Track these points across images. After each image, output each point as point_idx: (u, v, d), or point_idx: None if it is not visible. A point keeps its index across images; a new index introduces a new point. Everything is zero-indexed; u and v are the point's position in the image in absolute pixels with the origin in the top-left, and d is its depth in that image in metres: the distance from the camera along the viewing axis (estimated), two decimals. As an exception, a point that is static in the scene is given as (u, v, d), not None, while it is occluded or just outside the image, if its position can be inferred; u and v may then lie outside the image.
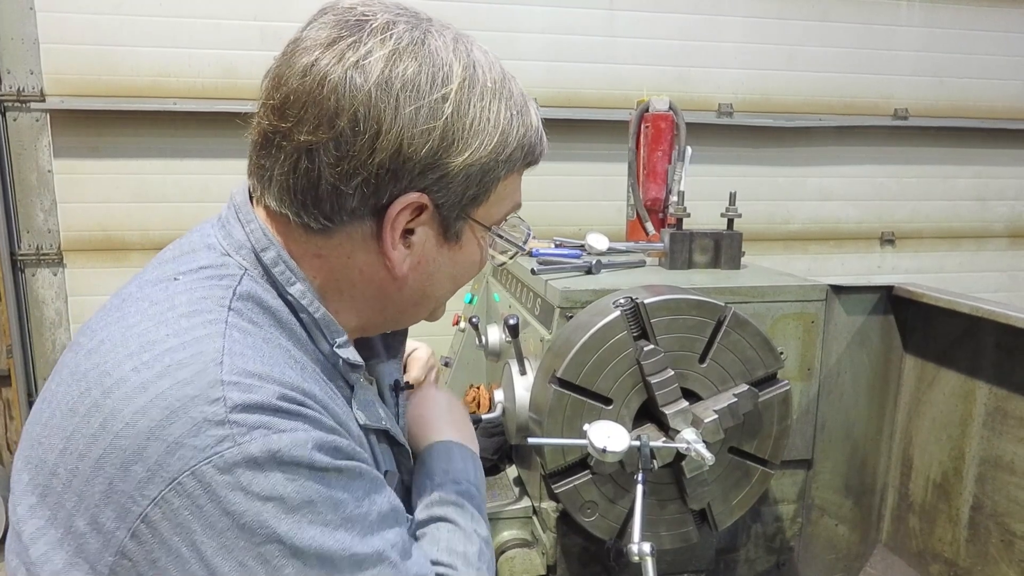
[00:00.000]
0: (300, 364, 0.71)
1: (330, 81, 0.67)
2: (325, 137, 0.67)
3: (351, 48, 0.68)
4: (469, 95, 0.71)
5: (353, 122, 0.67)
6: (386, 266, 0.75)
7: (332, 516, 0.64)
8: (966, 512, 1.58)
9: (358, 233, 0.73)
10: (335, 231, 0.72)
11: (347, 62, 0.67)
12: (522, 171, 0.80)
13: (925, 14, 3.73)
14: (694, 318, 1.26)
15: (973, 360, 1.56)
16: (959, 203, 4.02)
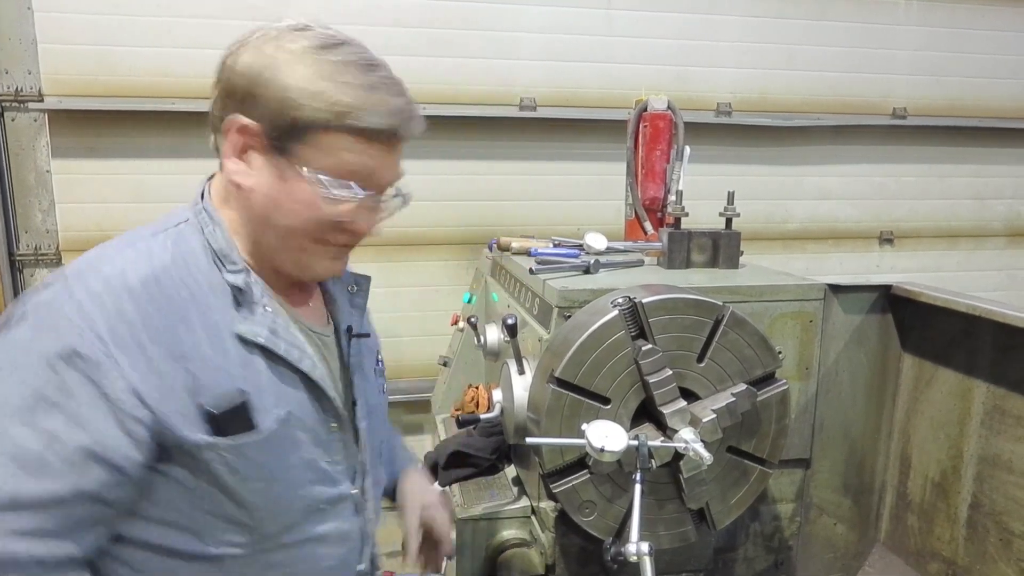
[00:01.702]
0: (172, 280, 0.89)
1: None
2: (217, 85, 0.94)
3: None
4: (295, 57, 0.88)
5: (219, 69, 0.93)
6: (234, 180, 0.92)
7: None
8: (964, 511, 1.58)
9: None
10: (222, 162, 0.93)
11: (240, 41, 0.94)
12: (356, 136, 0.89)
13: (923, 13, 3.72)
14: (692, 317, 1.26)
15: (971, 359, 1.57)
16: (957, 202, 4.01)
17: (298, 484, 0.96)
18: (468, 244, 3.40)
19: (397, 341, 3.46)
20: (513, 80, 3.34)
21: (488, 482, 1.68)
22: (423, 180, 3.36)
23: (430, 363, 3.22)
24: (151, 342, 0.85)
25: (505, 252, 1.95)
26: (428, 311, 3.42)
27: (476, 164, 3.39)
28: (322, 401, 0.98)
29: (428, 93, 3.27)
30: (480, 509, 1.55)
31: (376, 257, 3.39)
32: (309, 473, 0.97)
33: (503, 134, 3.39)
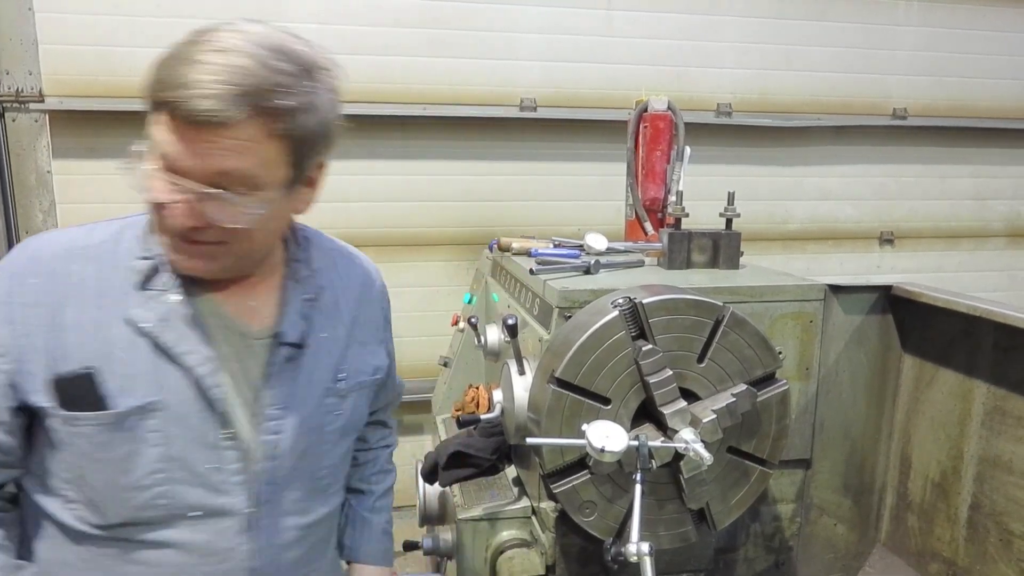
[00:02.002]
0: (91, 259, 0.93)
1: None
2: None
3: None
4: (177, 47, 0.84)
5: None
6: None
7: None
8: (964, 511, 1.58)
9: None
10: None
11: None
12: (163, 112, 0.83)
13: (923, 14, 3.73)
14: (692, 318, 1.26)
15: (971, 359, 1.57)
16: (957, 202, 4.01)
17: (155, 480, 0.92)
18: (468, 244, 3.40)
19: (398, 341, 3.46)
20: (513, 80, 3.35)
21: (488, 482, 1.68)
22: (424, 180, 3.36)
23: (430, 363, 3.22)
24: (32, 305, 0.90)
25: (505, 252, 1.95)
26: (428, 311, 3.43)
27: (476, 164, 3.40)
28: (209, 402, 0.94)
29: (428, 93, 3.28)
30: (480, 509, 1.55)
31: (377, 257, 3.37)
32: (178, 472, 0.93)
33: (503, 134, 3.39)
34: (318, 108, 0.89)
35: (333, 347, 1.06)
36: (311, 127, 0.88)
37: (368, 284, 1.17)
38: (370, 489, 1.30)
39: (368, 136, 3.27)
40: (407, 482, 3.52)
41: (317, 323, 1.04)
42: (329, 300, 1.07)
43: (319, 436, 1.05)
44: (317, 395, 1.03)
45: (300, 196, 0.97)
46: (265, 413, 0.98)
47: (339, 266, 1.13)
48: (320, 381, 1.04)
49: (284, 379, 0.99)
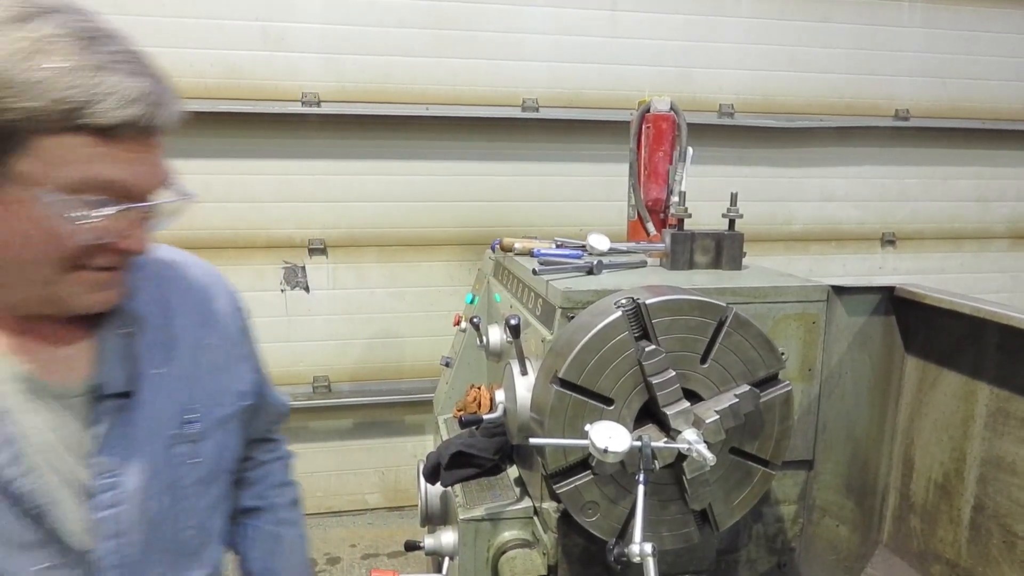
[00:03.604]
0: None
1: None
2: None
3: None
4: (61, 52, 0.67)
5: None
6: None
7: None
8: (967, 513, 1.57)
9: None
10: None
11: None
12: (93, 136, 0.69)
13: (926, 15, 3.73)
14: (695, 319, 1.26)
15: (975, 361, 1.56)
16: (960, 204, 4.01)
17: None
18: (470, 245, 3.41)
19: (399, 341, 3.46)
20: (516, 81, 3.35)
21: (490, 483, 1.68)
22: (426, 180, 3.36)
23: (432, 363, 3.22)
24: None
25: (508, 253, 1.95)
26: (430, 311, 3.43)
27: (479, 165, 3.40)
28: (14, 498, 0.75)
29: (431, 94, 3.28)
30: (482, 510, 1.55)
31: (379, 258, 3.39)
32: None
33: (506, 135, 3.40)
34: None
35: (174, 385, 0.88)
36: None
37: (210, 295, 0.97)
38: (270, 503, 1.13)
39: (371, 136, 3.28)
40: (408, 482, 3.54)
41: (146, 360, 0.85)
42: (157, 327, 0.88)
43: (175, 494, 0.87)
44: (162, 447, 0.86)
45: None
46: (98, 486, 0.80)
47: (165, 281, 0.92)
48: (163, 429, 0.86)
49: (115, 440, 0.81)
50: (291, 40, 3.14)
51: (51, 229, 0.71)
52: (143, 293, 0.88)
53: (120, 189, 0.73)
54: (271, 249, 3.25)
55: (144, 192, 0.75)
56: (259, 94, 3.13)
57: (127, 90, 0.70)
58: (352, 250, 3.35)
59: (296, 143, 3.20)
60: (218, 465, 0.94)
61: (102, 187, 0.71)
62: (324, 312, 3.36)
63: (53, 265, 0.74)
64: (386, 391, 3.44)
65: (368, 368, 3.46)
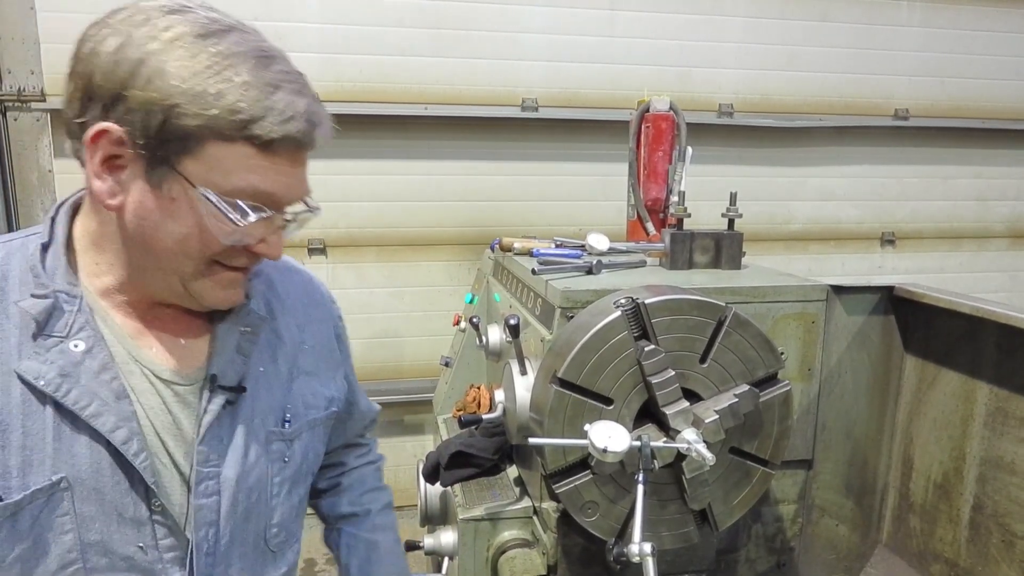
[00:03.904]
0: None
1: (82, 33, 0.78)
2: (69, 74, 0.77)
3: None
4: (170, 46, 0.72)
5: (74, 59, 0.76)
6: (100, 200, 0.77)
7: None
8: (967, 512, 1.58)
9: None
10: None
11: (101, 21, 0.77)
12: (255, 147, 0.74)
13: (925, 14, 3.73)
14: (695, 318, 1.26)
15: (974, 361, 1.56)
16: (959, 203, 4.01)
17: (71, 572, 0.78)
18: (470, 244, 3.41)
19: (399, 341, 3.46)
20: (515, 81, 3.35)
21: (490, 482, 1.68)
22: (425, 180, 3.36)
23: (431, 363, 3.22)
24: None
25: (507, 252, 1.95)
26: (430, 311, 3.43)
27: (478, 165, 3.40)
28: (130, 471, 0.79)
29: (430, 93, 3.28)
30: (482, 509, 1.55)
31: (378, 257, 3.39)
32: (98, 559, 0.78)
33: (505, 134, 3.40)
34: None
35: (275, 384, 0.92)
36: None
37: (313, 302, 1.02)
38: (365, 509, 1.17)
39: (370, 136, 3.27)
40: (408, 482, 3.53)
41: (255, 358, 0.90)
42: (268, 328, 0.93)
43: (265, 491, 0.90)
44: (260, 443, 0.89)
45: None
46: (200, 472, 0.83)
47: (276, 285, 0.98)
48: (262, 426, 0.90)
49: (220, 430, 0.85)
50: (290, 39, 3.14)
51: (204, 227, 0.76)
52: (261, 294, 0.94)
53: (269, 198, 0.78)
54: (270, 249, 3.25)
55: (288, 202, 0.81)
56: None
57: (292, 108, 0.75)
58: (351, 250, 3.35)
59: (295, 143, 3.19)
60: (303, 468, 0.97)
61: (256, 195, 0.76)
62: (323, 312, 3.36)
63: (197, 260, 0.79)
64: (385, 391, 3.44)
65: (367, 368, 3.45)
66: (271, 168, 0.76)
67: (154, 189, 0.75)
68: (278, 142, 0.75)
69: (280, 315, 0.96)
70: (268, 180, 0.77)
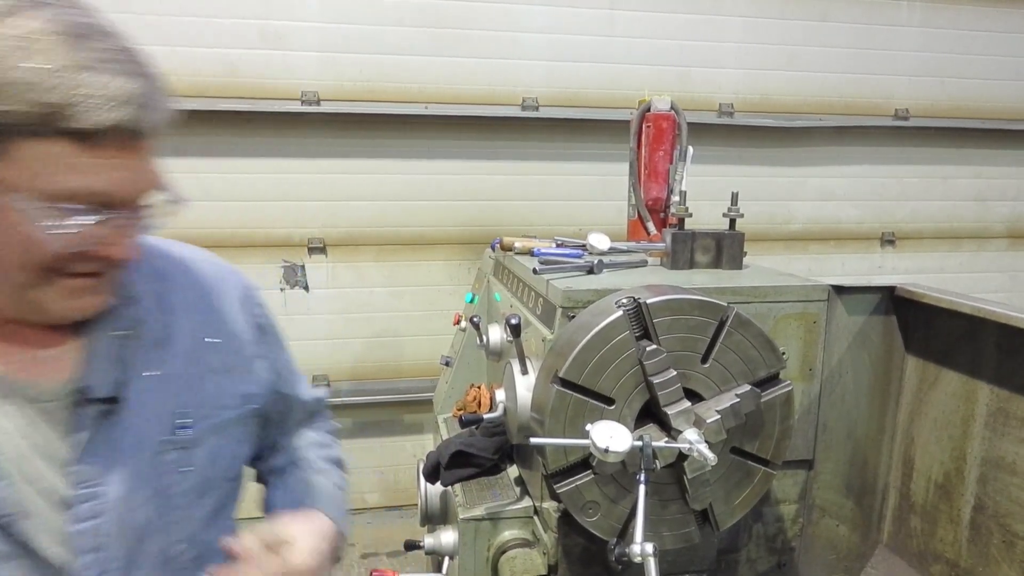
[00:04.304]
0: None
1: None
2: None
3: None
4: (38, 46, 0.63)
5: None
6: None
7: None
8: (967, 513, 1.58)
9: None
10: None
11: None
12: (75, 142, 0.65)
13: (926, 15, 3.73)
14: (696, 318, 1.25)
15: (975, 361, 1.56)
16: (959, 203, 4.02)
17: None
18: (470, 244, 3.40)
19: (400, 340, 3.46)
20: (516, 80, 3.35)
21: (490, 482, 1.68)
22: (426, 180, 3.36)
23: (430, 363, 3.22)
24: None
25: (508, 252, 1.94)
26: (430, 311, 3.43)
27: (478, 164, 3.40)
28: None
29: (431, 93, 3.27)
30: (482, 509, 1.55)
31: (378, 257, 3.39)
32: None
33: (505, 134, 3.39)
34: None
35: (168, 387, 0.82)
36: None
37: (216, 292, 0.92)
38: (303, 457, 1.04)
39: (370, 135, 3.27)
40: (408, 481, 3.53)
41: (139, 362, 0.81)
42: (153, 327, 0.83)
43: (163, 504, 0.81)
44: (149, 454, 0.80)
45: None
46: (78, 495, 0.75)
47: (165, 278, 0.87)
48: (152, 435, 0.81)
49: (98, 446, 0.76)
50: (290, 39, 3.13)
51: (27, 236, 0.67)
52: (139, 292, 0.83)
53: (102, 197, 0.69)
54: (270, 248, 3.24)
55: (128, 199, 0.71)
56: (258, 93, 3.12)
57: (112, 92, 0.65)
58: (351, 249, 3.35)
59: (295, 142, 3.19)
60: (212, 472, 0.87)
61: (83, 196, 0.67)
62: (323, 311, 3.36)
63: (29, 272, 0.70)
64: (385, 390, 3.44)
65: (367, 367, 3.45)
66: (98, 164, 0.67)
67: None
68: (99, 133, 0.65)
69: (177, 312, 0.86)
70: (97, 178, 0.67)
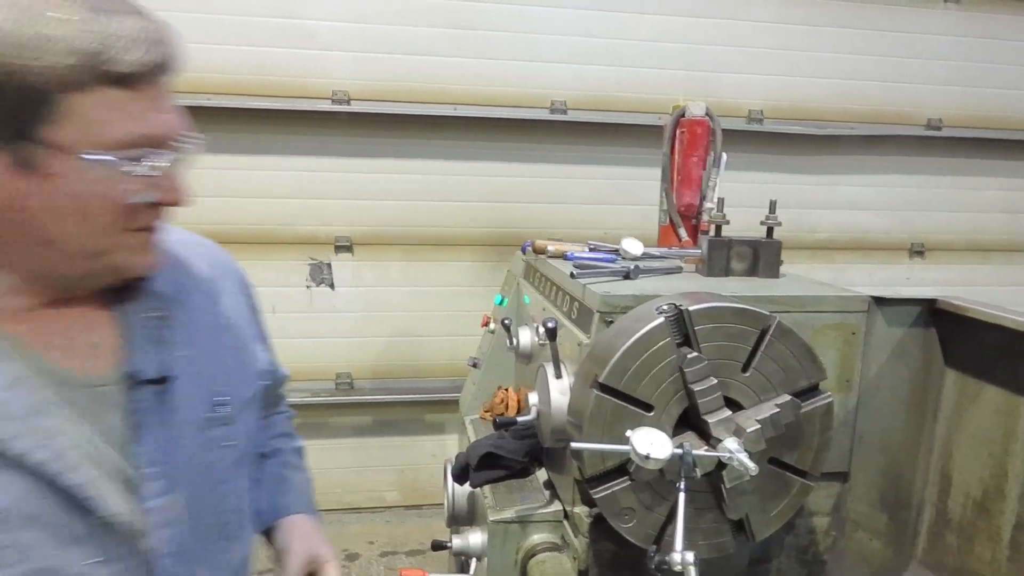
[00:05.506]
0: None
1: None
2: None
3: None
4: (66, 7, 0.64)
5: None
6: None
7: None
8: (1008, 531, 1.54)
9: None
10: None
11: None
12: (119, 87, 0.66)
13: (959, 23, 3.67)
14: (738, 327, 1.24)
15: (1017, 376, 1.53)
16: (989, 215, 3.95)
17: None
18: (494, 246, 3.41)
19: (420, 340, 3.47)
20: (544, 83, 3.35)
21: (520, 485, 1.68)
22: (452, 180, 3.37)
23: (452, 363, 3.22)
24: None
25: (540, 255, 1.94)
26: (453, 311, 3.43)
27: (505, 166, 3.40)
28: (63, 490, 0.72)
29: (459, 94, 3.28)
30: (512, 511, 1.55)
31: (403, 256, 3.40)
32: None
33: (532, 136, 3.39)
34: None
35: (201, 367, 0.85)
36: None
37: (223, 274, 0.95)
38: (276, 449, 1.13)
39: (399, 135, 3.29)
40: (425, 480, 3.54)
41: (175, 343, 0.82)
42: (179, 310, 0.85)
43: (214, 479, 0.86)
44: (199, 432, 0.84)
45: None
46: (143, 475, 0.78)
47: (182, 261, 0.89)
48: (198, 413, 0.84)
49: (155, 426, 0.79)
50: (321, 38, 3.16)
51: (103, 192, 0.68)
52: (168, 274, 0.85)
53: (156, 139, 0.70)
54: (298, 245, 3.27)
55: (173, 138, 0.72)
56: (289, 91, 3.15)
57: (138, 33, 0.67)
58: (377, 248, 3.36)
59: (324, 140, 3.21)
60: (247, 447, 0.92)
61: (141, 140, 0.69)
62: (349, 309, 3.38)
63: (106, 232, 0.71)
64: (407, 389, 3.45)
65: (390, 366, 3.46)
66: (144, 106, 0.68)
67: (25, 173, 0.66)
68: (135, 74, 0.66)
69: (192, 293, 0.88)
70: (148, 120, 0.69)
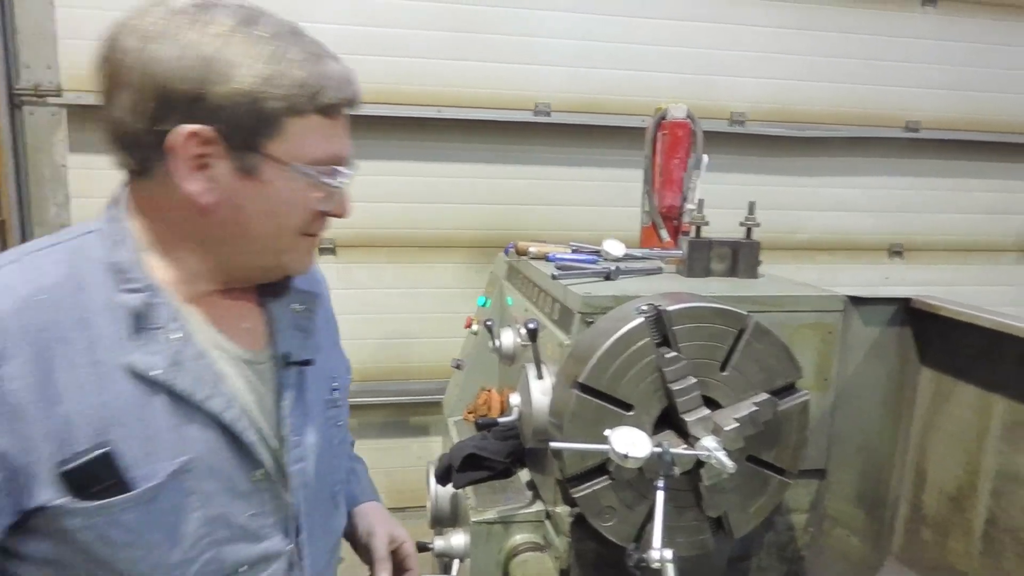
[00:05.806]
0: (63, 302, 0.76)
1: (111, 41, 0.80)
2: (112, 85, 0.81)
3: (136, 17, 0.79)
4: (228, 39, 0.77)
5: (122, 72, 0.79)
6: (192, 200, 0.80)
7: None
8: (980, 525, 1.57)
9: (163, 171, 0.80)
10: (153, 172, 0.81)
11: (127, 26, 0.79)
12: (322, 115, 0.82)
13: (941, 27, 3.73)
14: (716, 326, 1.26)
15: (991, 374, 1.56)
16: (970, 216, 4.01)
17: (202, 547, 0.83)
18: (481, 247, 3.41)
19: (408, 342, 3.46)
20: (529, 85, 3.35)
21: (502, 485, 1.68)
22: (437, 183, 3.37)
23: (440, 365, 3.22)
24: (14, 380, 0.71)
25: (522, 256, 1.95)
26: (441, 313, 3.43)
27: (490, 168, 3.40)
28: (240, 445, 0.85)
29: (444, 95, 3.28)
30: (494, 512, 1.55)
31: (388, 259, 3.39)
32: (221, 531, 0.84)
33: (518, 138, 3.40)
34: None
35: (325, 355, 1.01)
36: None
37: (316, 280, 1.09)
38: (343, 440, 1.26)
39: (382, 137, 3.28)
40: (413, 482, 3.52)
41: (313, 333, 0.98)
42: (317, 304, 1.00)
43: (330, 452, 1.00)
44: (321, 410, 0.99)
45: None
46: (288, 441, 0.91)
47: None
48: (321, 394, 0.99)
49: (297, 401, 0.93)
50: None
51: (301, 200, 0.84)
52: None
53: (341, 158, 0.87)
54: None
55: (348, 160, 0.89)
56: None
57: (341, 74, 0.84)
58: (362, 250, 3.35)
59: (308, 142, 3.20)
60: (344, 429, 1.08)
61: (334, 159, 0.85)
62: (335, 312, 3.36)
63: (292, 233, 0.87)
64: (394, 392, 3.44)
65: (376, 369, 3.45)
66: (338, 132, 0.86)
67: (248, 178, 0.81)
68: (336, 107, 0.83)
69: (318, 292, 1.04)
70: (337, 143, 0.86)
